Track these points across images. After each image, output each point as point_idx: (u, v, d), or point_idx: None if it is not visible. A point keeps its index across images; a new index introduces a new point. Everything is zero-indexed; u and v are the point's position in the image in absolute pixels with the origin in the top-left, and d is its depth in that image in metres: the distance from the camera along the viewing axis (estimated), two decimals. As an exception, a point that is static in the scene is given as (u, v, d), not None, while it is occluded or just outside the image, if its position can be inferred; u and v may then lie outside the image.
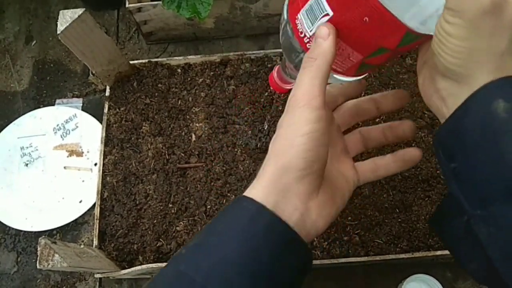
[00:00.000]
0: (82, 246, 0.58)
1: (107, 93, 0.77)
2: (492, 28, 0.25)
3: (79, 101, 0.90)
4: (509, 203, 0.26)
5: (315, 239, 0.65)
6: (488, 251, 0.27)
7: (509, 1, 0.25)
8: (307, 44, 0.36)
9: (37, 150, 0.85)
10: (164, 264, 0.62)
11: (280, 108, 0.74)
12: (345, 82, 0.40)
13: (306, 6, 0.35)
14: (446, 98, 0.30)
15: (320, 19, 0.33)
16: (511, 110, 0.26)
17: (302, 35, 0.36)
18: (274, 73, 0.51)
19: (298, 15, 0.36)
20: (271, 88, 0.52)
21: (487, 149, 0.26)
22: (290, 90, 0.51)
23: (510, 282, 0.27)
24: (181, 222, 0.68)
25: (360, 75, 0.39)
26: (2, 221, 0.78)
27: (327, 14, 0.32)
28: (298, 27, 0.36)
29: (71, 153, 0.84)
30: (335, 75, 0.38)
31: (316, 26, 0.34)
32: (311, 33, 0.35)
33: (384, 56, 0.34)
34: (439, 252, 0.63)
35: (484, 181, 0.27)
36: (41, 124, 0.87)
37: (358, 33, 0.32)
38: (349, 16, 0.31)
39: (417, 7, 0.28)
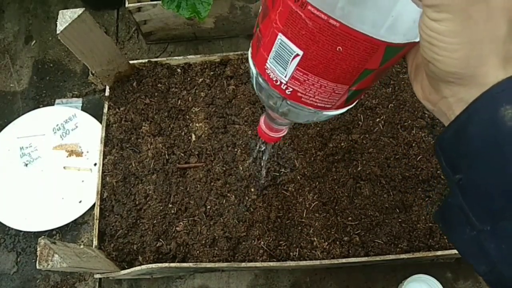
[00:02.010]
0: (81, 246, 0.57)
1: (106, 93, 0.77)
2: (485, 14, 0.22)
3: (78, 101, 0.90)
4: None
5: (315, 239, 0.65)
6: (499, 266, 0.26)
7: None
8: (286, 90, 0.34)
9: (36, 150, 0.85)
10: (164, 264, 0.62)
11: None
12: (336, 115, 0.38)
13: (272, 53, 0.33)
14: (454, 105, 0.27)
15: (291, 61, 0.31)
16: None
17: (278, 83, 0.34)
18: (262, 124, 0.49)
19: (266, 64, 0.34)
20: (264, 140, 0.50)
21: (494, 161, 0.24)
22: (280, 138, 0.49)
23: None
24: (181, 222, 0.68)
25: (351, 104, 0.37)
26: (2, 221, 0.78)
27: (297, 55, 0.31)
28: (271, 76, 0.34)
29: (71, 153, 0.84)
30: (324, 112, 0.36)
31: (289, 70, 0.32)
32: (287, 78, 0.33)
33: (370, 78, 0.32)
34: (439, 252, 0.63)
35: (492, 196, 0.25)
36: (41, 124, 0.87)
37: (336, 64, 0.30)
38: (321, 50, 0.29)
39: (390, 19, 0.26)
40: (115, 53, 0.71)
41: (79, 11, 0.59)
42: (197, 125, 0.74)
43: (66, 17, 0.59)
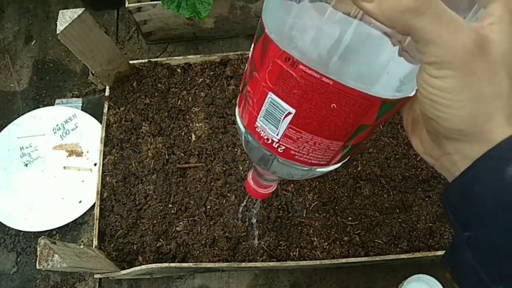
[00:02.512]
0: (81, 246, 0.57)
1: (106, 93, 0.77)
2: (487, 69, 0.22)
3: (78, 101, 0.90)
4: None
5: (315, 239, 0.65)
6: None
7: (490, 38, 0.22)
8: (279, 149, 0.33)
9: (36, 150, 0.85)
10: (164, 265, 0.62)
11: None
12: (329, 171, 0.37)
13: (262, 112, 0.32)
14: (458, 161, 0.25)
15: (283, 119, 0.30)
16: None
17: (269, 141, 0.33)
18: (250, 180, 0.48)
19: (256, 123, 0.33)
20: (252, 196, 0.49)
21: (504, 223, 0.23)
22: (271, 193, 0.47)
23: None
24: (181, 222, 0.68)
25: (344, 159, 0.35)
26: (2, 221, 0.78)
27: (289, 113, 0.29)
28: (261, 135, 0.33)
29: (71, 153, 0.84)
30: (318, 169, 0.35)
31: (281, 128, 0.31)
32: (279, 137, 0.32)
33: (366, 133, 0.31)
34: (439, 252, 0.63)
35: (504, 258, 0.23)
36: (41, 124, 0.87)
37: (330, 121, 0.29)
38: (314, 107, 0.28)
39: (386, 76, 0.25)
40: (115, 53, 0.71)
41: (79, 11, 0.59)
42: (197, 125, 0.74)
43: (66, 17, 0.59)
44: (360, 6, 0.21)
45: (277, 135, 0.32)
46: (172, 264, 0.63)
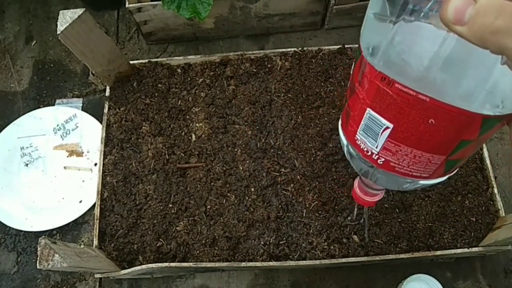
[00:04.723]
0: (82, 246, 0.58)
1: (107, 93, 0.77)
2: None
3: (79, 101, 0.90)
4: None
5: (315, 239, 0.65)
6: None
7: None
8: (378, 160, 0.34)
9: (37, 150, 0.85)
10: (164, 264, 0.62)
11: (280, 108, 0.74)
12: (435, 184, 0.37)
13: (362, 126, 0.33)
14: None
15: (382, 133, 0.31)
16: None
17: (369, 153, 0.34)
18: (356, 189, 0.50)
19: (357, 135, 0.35)
20: (358, 203, 0.51)
21: None
22: (378, 201, 0.50)
23: None
24: (181, 222, 0.68)
25: (451, 173, 0.35)
26: (2, 221, 0.79)
27: (387, 127, 0.31)
28: (361, 147, 0.35)
29: (71, 153, 0.85)
30: (421, 181, 0.35)
31: (380, 141, 0.32)
32: (378, 149, 0.33)
33: (469, 148, 0.30)
34: (438, 252, 0.63)
35: None
36: (41, 124, 0.87)
37: (429, 136, 0.29)
38: (412, 122, 0.29)
39: (484, 93, 0.25)
40: (116, 54, 0.71)
41: (79, 11, 0.59)
42: (197, 125, 0.74)
43: (66, 18, 0.59)
44: (453, 29, 0.22)
45: (376, 147, 0.33)
46: (172, 264, 0.63)
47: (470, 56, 0.25)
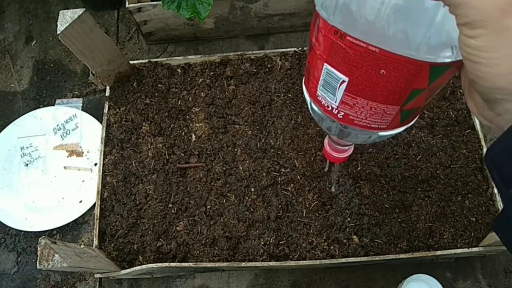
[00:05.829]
0: (82, 246, 0.58)
1: (107, 93, 0.77)
2: None
3: (79, 101, 0.90)
4: None
5: (315, 239, 0.65)
6: None
7: None
8: (338, 115, 0.36)
9: (37, 150, 0.85)
10: (164, 264, 0.62)
11: (280, 108, 0.74)
12: (395, 134, 0.39)
13: (321, 81, 0.34)
14: (509, 122, 0.26)
15: (339, 87, 0.33)
16: None
17: (330, 108, 0.36)
18: (326, 146, 0.51)
19: (317, 92, 0.36)
20: (329, 160, 0.52)
21: None
22: (347, 158, 0.52)
23: None
24: (181, 222, 0.68)
25: (407, 123, 0.37)
26: (2, 221, 0.79)
27: (344, 81, 0.32)
28: (322, 103, 0.36)
29: (71, 153, 0.85)
30: (380, 133, 0.37)
31: (338, 95, 0.34)
32: (337, 104, 0.35)
33: (422, 97, 0.32)
34: (438, 252, 0.63)
35: None
36: (41, 124, 0.87)
37: (382, 86, 0.31)
38: (365, 74, 0.30)
39: (428, 40, 0.26)
40: (116, 53, 0.71)
41: (79, 11, 0.59)
42: (197, 125, 0.74)
43: (66, 18, 0.59)
44: None
45: (335, 102, 0.35)
46: (172, 264, 0.63)
47: (413, 5, 0.26)
